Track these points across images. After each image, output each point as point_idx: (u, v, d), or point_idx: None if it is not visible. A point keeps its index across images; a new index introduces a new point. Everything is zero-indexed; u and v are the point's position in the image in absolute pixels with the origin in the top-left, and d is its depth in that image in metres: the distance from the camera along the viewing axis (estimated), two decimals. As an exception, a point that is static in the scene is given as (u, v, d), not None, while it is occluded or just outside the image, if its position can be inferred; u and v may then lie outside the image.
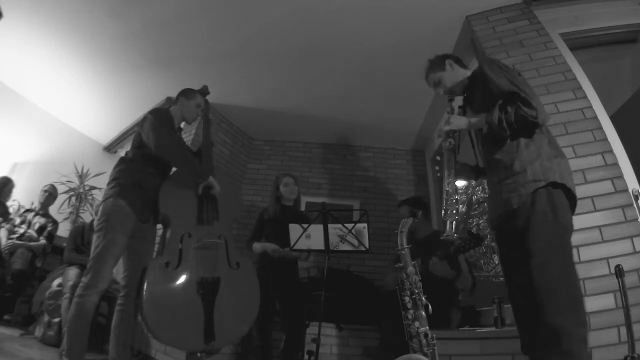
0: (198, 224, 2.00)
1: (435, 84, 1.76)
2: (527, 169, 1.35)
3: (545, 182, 1.31)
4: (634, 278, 1.61)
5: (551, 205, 1.29)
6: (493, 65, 1.50)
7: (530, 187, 1.31)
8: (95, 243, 1.83)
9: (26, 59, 3.43)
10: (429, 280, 1.79)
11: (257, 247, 2.74)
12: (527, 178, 1.33)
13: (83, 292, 1.74)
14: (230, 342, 2.36)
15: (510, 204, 1.34)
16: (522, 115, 1.34)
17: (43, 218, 3.50)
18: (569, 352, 1.14)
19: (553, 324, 1.17)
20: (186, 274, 1.87)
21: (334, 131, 4.23)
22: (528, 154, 1.37)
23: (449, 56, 1.76)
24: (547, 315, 1.19)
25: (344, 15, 2.70)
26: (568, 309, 1.19)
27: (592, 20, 2.40)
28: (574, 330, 1.16)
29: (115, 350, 1.87)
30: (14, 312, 3.12)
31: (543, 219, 1.27)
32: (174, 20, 2.86)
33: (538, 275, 1.23)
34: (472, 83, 1.64)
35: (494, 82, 1.45)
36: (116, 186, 1.93)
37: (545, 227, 1.27)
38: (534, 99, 1.37)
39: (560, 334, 1.15)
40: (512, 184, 1.36)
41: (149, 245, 2.08)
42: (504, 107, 1.39)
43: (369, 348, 2.92)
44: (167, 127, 2.06)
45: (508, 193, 1.36)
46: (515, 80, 1.42)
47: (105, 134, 4.70)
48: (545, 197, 1.30)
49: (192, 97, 2.27)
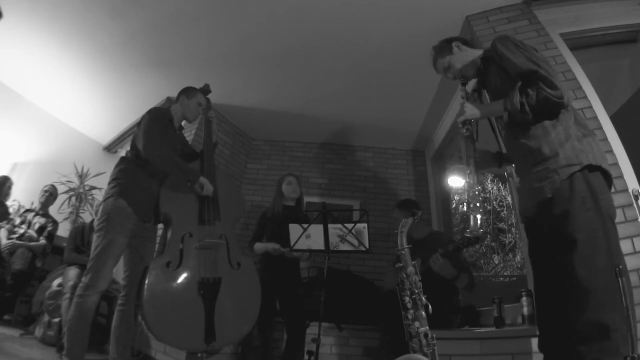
0: (199, 224, 2.00)
1: (445, 69, 1.63)
2: (559, 152, 1.23)
3: (579, 165, 1.20)
4: (634, 278, 1.61)
5: (590, 190, 1.18)
6: (507, 42, 1.38)
7: (565, 172, 1.20)
8: (95, 243, 1.83)
9: (26, 59, 3.43)
10: (429, 280, 1.79)
11: (258, 247, 2.74)
12: (560, 162, 1.22)
13: (83, 292, 1.75)
14: (231, 342, 2.36)
15: (543, 192, 1.23)
16: (545, 97, 1.23)
17: (43, 218, 3.50)
18: (615, 349, 1.06)
19: (599, 319, 1.08)
20: (187, 274, 1.87)
21: (334, 131, 4.23)
22: (557, 136, 1.26)
23: (456, 38, 1.65)
24: (591, 311, 1.09)
25: (344, 15, 2.70)
26: (614, 305, 1.09)
27: (592, 20, 2.40)
28: (620, 325, 1.07)
29: (116, 350, 1.87)
30: (14, 312, 3.12)
31: (582, 206, 1.17)
32: (174, 20, 2.86)
33: (581, 268, 1.12)
34: (486, 64, 1.52)
35: (510, 61, 1.34)
36: (117, 186, 1.93)
37: (587, 214, 1.16)
38: (556, 77, 1.26)
39: (608, 330, 1.06)
40: (543, 171, 1.25)
41: (150, 246, 2.08)
42: (524, 89, 1.28)
43: (369, 348, 2.92)
44: (160, 130, 2.03)
45: (540, 181, 1.25)
46: (534, 57, 1.31)
47: (105, 134, 4.69)
48: (583, 182, 1.19)
49: (193, 95, 2.25)
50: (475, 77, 1.61)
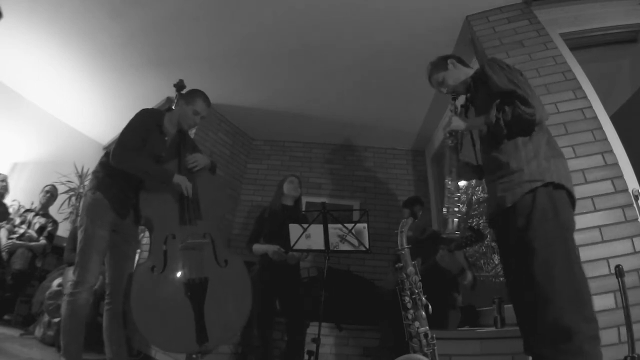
0: (181, 224, 1.95)
1: (438, 84, 1.76)
2: (524, 168, 1.34)
3: (541, 182, 1.30)
4: (634, 278, 1.60)
5: (552, 203, 1.28)
6: (493, 65, 1.50)
7: (526, 187, 1.31)
8: (78, 239, 1.82)
9: (26, 59, 3.43)
10: (429, 280, 1.79)
11: (257, 248, 2.74)
12: (523, 177, 1.33)
13: (73, 290, 1.73)
14: (225, 341, 2.33)
15: (504, 202, 1.34)
16: (519, 114, 1.33)
17: (43, 218, 3.50)
18: (579, 350, 1.12)
19: (560, 322, 1.15)
20: (173, 277, 1.84)
21: (334, 131, 4.23)
22: (525, 153, 1.37)
23: (451, 56, 1.77)
24: (552, 313, 1.17)
25: (344, 15, 2.70)
26: (574, 307, 1.16)
27: (592, 20, 2.40)
28: (582, 327, 1.14)
29: (111, 349, 1.86)
30: (14, 312, 3.12)
31: (543, 216, 1.26)
32: (174, 20, 2.86)
33: (540, 273, 1.21)
34: (475, 82, 1.64)
35: (493, 81, 1.44)
36: (94, 179, 1.93)
37: (546, 224, 1.25)
38: (533, 97, 1.36)
39: (569, 332, 1.13)
40: (507, 183, 1.36)
41: (134, 244, 2.06)
42: (502, 106, 1.39)
43: (369, 348, 2.92)
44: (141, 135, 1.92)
45: (503, 192, 1.36)
46: (515, 79, 1.42)
47: (105, 134, 4.70)
48: (545, 196, 1.29)
49: (191, 102, 2.08)
50: (465, 93, 1.73)
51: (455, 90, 1.72)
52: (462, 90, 1.72)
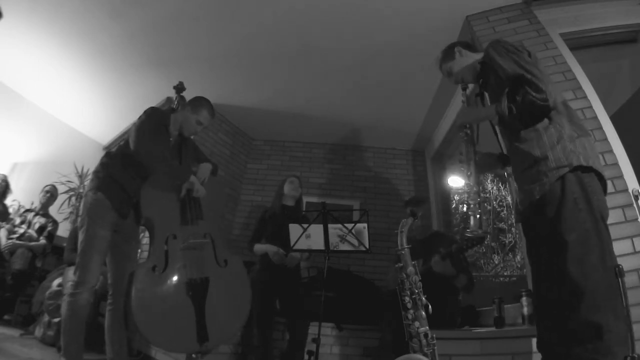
0: (182, 224, 1.96)
1: (447, 74, 1.68)
2: (549, 155, 1.25)
3: (568, 167, 1.21)
4: (634, 278, 1.61)
5: (583, 190, 1.19)
6: (498, 47, 1.41)
7: (553, 175, 1.22)
8: (79, 239, 1.82)
9: (26, 59, 3.43)
10: (429, 280, 1.79)
11: (258, 248, 2.75)
12: (549, 165, 1.24)
13: (73, 291, 1.73)
14: (224, 341, 2.34)
15: (532, 194, 1.26)
16: (530, 101, 1.25)
17: (43, 218, 3.50)
18: (608, 349, 1.06)
19: (592, 320, 1.08)
20: (174, 277, 1.85)
21: (334, 131, 4.23)
22: (548, 138, 1.27)
23: (458, 43, 1.69)
24: (584, 311, 1.10)
25: (344, 15, 2.70)
26: (608, 305, 1.10)
27: (592, 20, 2.40)
28: (614, 327, 1.08)
29: (112, 349, 1.86)
30: (14, 312, 3.12)
31: (575, 207, 1.18)
32: (174, 20, 2.86)
33: (574, 269, 1.13)
34: (483, 68, 1.55)
35: (500, 66, 1.37)
36: (95, 179, 1.92)
37: (579, 215, 1.17)
38: (544, 80, 1.27)
39: (600, 331, 1.07)
40: (534, 174, 1.27)
41: (135, 244, 2.07)
42: (512, 94, 1.31)
43: (369, 348, 2.92)
44: (153, 129, 1.97)
45: (530, 183, 1.27)
46: (522, 60, 1.33)
47: (105, 134, 4.69)
48: (575, 183, 1.20)
49: (196, 111, 2.09)
50: (474, 80, 1.64)
51: (464, 79, 1.64)
52: (471, 78, 1.63)
